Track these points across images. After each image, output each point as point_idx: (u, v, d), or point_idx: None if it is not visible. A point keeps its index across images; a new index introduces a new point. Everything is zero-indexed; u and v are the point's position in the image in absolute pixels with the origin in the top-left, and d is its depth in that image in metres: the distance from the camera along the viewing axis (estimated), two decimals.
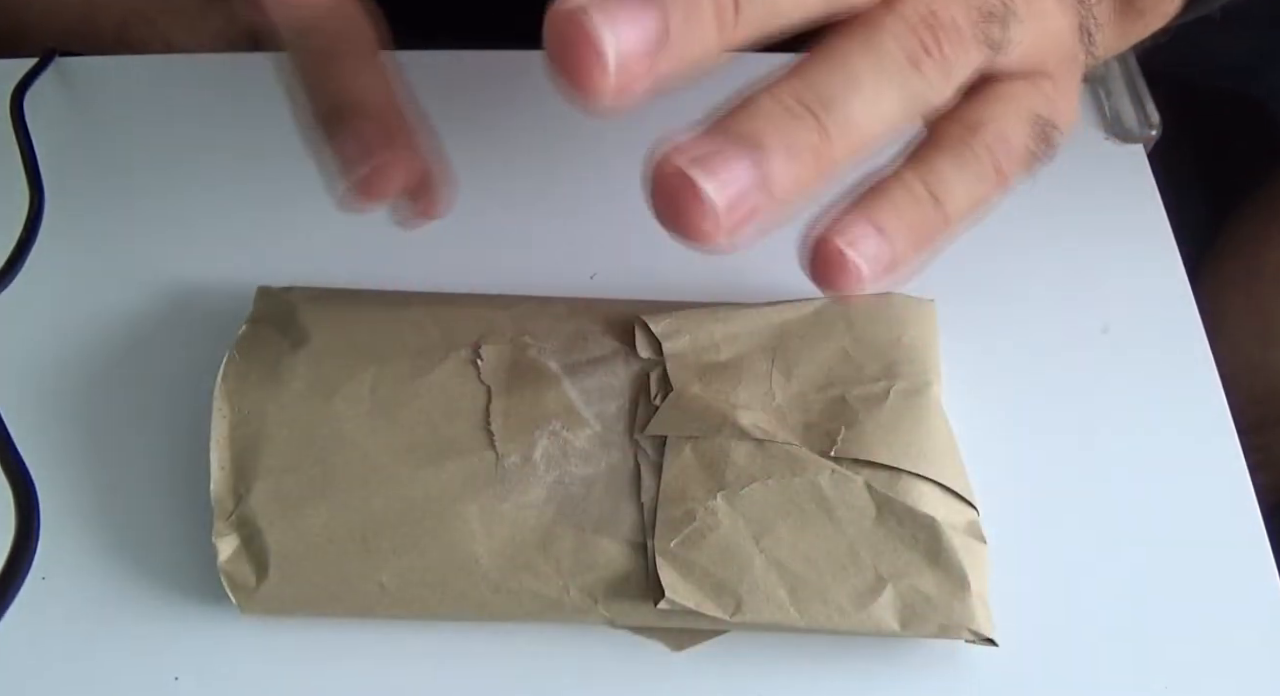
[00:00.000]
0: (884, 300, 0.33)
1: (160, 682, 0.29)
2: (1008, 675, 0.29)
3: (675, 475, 0.29)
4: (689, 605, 0.28)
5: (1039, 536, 0.31)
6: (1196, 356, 0.35)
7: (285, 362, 0.31)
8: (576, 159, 0.39)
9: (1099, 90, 0.42)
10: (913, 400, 0.30)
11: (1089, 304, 0.36)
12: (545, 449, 0.30)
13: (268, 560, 0.28)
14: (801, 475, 0.29)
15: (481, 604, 0.28)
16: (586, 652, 0.29)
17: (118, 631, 0.29)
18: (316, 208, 0.38)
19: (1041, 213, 0.38)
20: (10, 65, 0.41)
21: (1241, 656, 0.29)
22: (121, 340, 0.35)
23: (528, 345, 0.32)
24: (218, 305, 0.35)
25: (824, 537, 0.28)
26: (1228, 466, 0.32)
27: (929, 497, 0.29)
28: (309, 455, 0.30)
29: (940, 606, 0.28)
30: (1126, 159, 0.40)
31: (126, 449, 0.33)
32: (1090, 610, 0.30)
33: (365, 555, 0.28)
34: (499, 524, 0.29)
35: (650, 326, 0.31)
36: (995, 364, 0.34)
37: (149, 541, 0.31)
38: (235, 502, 0.29)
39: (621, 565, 0.28)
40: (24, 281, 0.32)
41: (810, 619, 0.28)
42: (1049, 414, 0.33)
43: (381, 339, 0.32)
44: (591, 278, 0.36)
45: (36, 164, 0.37)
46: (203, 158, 0.40)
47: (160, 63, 0.43)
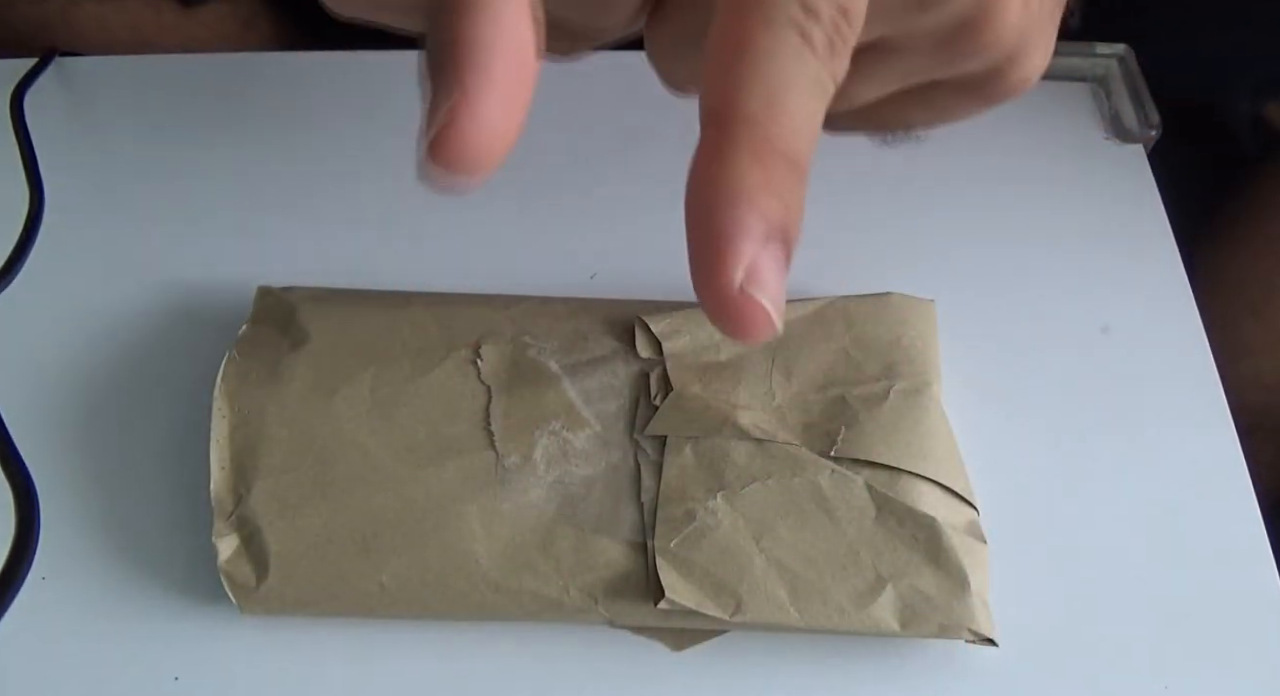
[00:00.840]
0: (884, 300, 0.33)
1: (160, 682, 0.29)
2: (1008, 675, 0.29)
3: (675, 475, 0.29)
4: (689, 605, 0.28)
5: (1039, 536, 0.31)
6: (1196, 356, 0.35)
7: (285, 363, 0.31)
8: (577, 159, 0.39)
9: (1099, 90, 0.42)
10: (913, 400, 0.30)
11: (1089, 304, 0.36)
12: (545, 449, 0.30)
13: (268, 560, 0.28)
14: (801, 475, 0.29)
15: (481, 604, 0.28)
16: (586, 652, 0.29)
17: (118, 631, 0.29)
18: (316, 208, 0.39)
19: (1041, 213, 0.38)
20: (10, 65, 0.41)
21: (1241, 656, 0.29)
22: (121, 340, 0.35)
23: (528, 345, 0.32)
24: (218, 305, 0.35)
25: (824, 537, 0.28)
26: (1228, 466, 0.32)
27: (929, 497, 0.29)
28: (309, 455, 0.30)
29: (940, 606, 0.28)
30: (1126, 159, 0.40)
31: (126, 449, 0.33)
32: (1090, 610, 0.30)
33: (365, 555, 0.28)
34: (499, 524, 0.29)
35: (650, 326, 0.31)
36: (995, 364, 0.34)
37: (149, 541, 0.31)
38: (235, 502, 0.29)
39: (621, 565, 0.28)
40: (24, 281, 0.32)
41: (810, 619, 0.28)
42: (1049, 414, 0.33)
43: (381, 339, 0.32)
44: (592, 278, 0.36)
45: (36, 164, 0.37)
46: (203, 158, 0.40)
47: (160, 63, 0.43)
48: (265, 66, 0.43)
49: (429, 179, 0.17)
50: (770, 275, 0.17)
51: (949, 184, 0.39)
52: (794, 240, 0.18)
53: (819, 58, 0.18)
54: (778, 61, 0.18)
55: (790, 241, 0.17)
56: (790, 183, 0.17)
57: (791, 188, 0.18)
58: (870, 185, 0.39)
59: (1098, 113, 0.41)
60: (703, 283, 0.17)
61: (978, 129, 0.29)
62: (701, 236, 0.17)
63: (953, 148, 0.39)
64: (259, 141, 0.40)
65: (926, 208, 0.38)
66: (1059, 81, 0.42)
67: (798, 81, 0.18)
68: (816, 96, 0.18)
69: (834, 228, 0.38)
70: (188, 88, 0.42)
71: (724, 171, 0.17)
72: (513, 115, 0.17)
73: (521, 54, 0.17)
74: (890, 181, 0.39)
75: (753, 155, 0.17)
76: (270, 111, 0.42)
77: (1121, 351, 0.35)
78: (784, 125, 0.18)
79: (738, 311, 0.17)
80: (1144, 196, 0.39)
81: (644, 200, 0.38)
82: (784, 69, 0.18)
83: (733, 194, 0.17)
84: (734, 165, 0.17)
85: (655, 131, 0.39)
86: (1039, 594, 0.30)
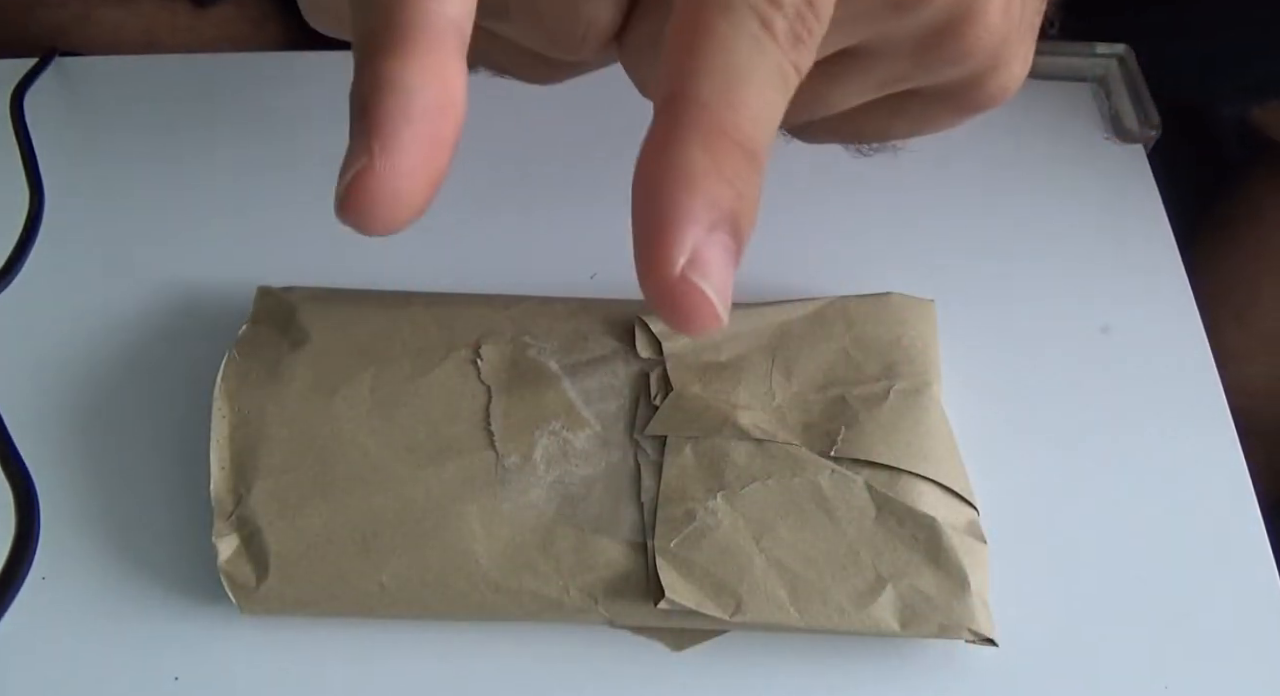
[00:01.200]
0: (884, 300, 0.33)
1: (160, 682, 0.29)
2: (1008, 675, 0.29)
3: (675, 475, 0.29)
4: (689, 605, 0.28)
5: (1039, 536, 0.31)
6: (1196, 356, 0.35)
7: (285, 362, 0.31)
8: (577, 159, 0.39)
9: (1099, 90, 0.42)
10: (912, 400, 0.30)
11: (1089, 304, 0.36)
12: (545, 449, 0.30)
13: (268, 560, 0.28)
14: (801, 475, 0.29)
15: (481, 604, 0.28)
16: (586, 652, 0.29)
17: (118, 631, 0.29)
18: (316, 208, 0.38)
19: (1041, 213, 0.38)
20: (10, 65, 0.41)
21: (1241, 656, 0.29)
22: (121, 340, 0.35)
23: (528, 345, 0.32)
24: (218, 305, 0.35)
25: (824, 537, 0.28)
26: (1228, 466, 0.32)
27: (929, 497, 0.29)
28: (309, 455, 0.30)
29: (940, 606, 0.28)
30: (1126, 159, 0.40)
31: (126, 449, 0.33)
32: (1090, 610, 0.30)
33: (365, 555, 0.28)
34: (499, 524, 0.29)
35: (650, 326, 0.31)
36: (995, 364, 0.34)
37: (149, 541, 0.31)
38: (235, 502, 0.29)
39: (621, 565, 0.28)
40: (24, 281, 0.32)
41: (810, 619, 0.28)
42: (1049, 414, 0.33)
43: (381, 339, 0.32)
44: (591, 277, 0.36)
45: (36, 164, 0.37)
46: (203, 157, 0.40)
47: (160, 63, 0.43)
48: (265, 66, 0.43)
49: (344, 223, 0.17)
50: (715, 263, 0.16)
51: (949, 184, 0.39)
52: (745, 231, 0.17)
53: (780, 47, 0.17)
54: (735, 48, 0.17)
55: (741, 232, 0.17)
56: (743, 171, 0.17)
57: (744, 176, 0.17)
58: (870, 185, 0.39)
59: (1098, 113, 0.41)
60: (644, 268, 0.16)
61: (977, 129, 0.29)
62: (644, 220, 0.16)
63: (953, 148, 0.39)
64: (259, 141, 0.40)
65: (926, 208, 0.38)
66: (1059, 81, 0.42)
67: (756, 69, 0.17)
68: (776, 87, 0.18)
69: (834, 228, 0.38)
70: (188, 88, 0.42)
71: (671, 155, 0.16)
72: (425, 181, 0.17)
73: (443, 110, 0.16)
74: (890, 181, 0.39)
75: (703, 140, 0.17)
76: (270, 111, 0.42)
77: (1121, 351, 0.35)
78: (739, 112, 0.17)
79: (679, 298, 0.16)
80: (1144, 196, 0.39)
81: None
82: (741, 56, 0.17)
83: (678, 177, 0.16)
84: (682, 149, 0.16)
85: None
86: (1039, 594, 0.30)
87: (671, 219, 0.16)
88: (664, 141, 0.17)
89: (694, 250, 0.16)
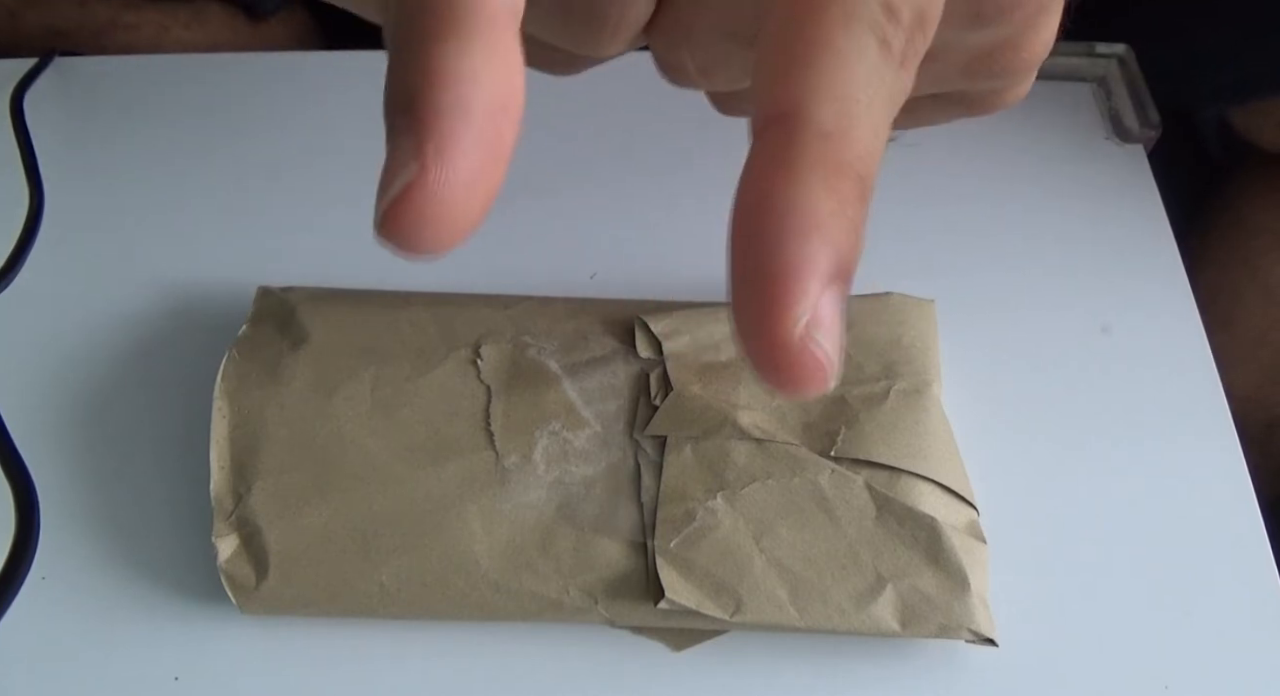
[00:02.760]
0: (884, 300, 0.33)
1: (160, 682, 0.29)
2: (1008, 675, 0.29)
3: (675, 475, 0.29)
4: (689, 605, 0.28)
5: (1039, 536, 0.31)
6: (1196, 356, 0.35)
7: (285, 362, 0.31)
8: (577, 159, 0.39)
9: (1099, 90, 0.42)
10: (912, 400, 0.30)
11: (1089, 304, 0.36)
12: (545, 449, 0.30)
13: (268, 560, 0.28)
14: (801, 475, 0.29)
15: (481, 604, 0.28)
16: (586, 652, 0.29)
17: (118, 631, 0.29)
18: (316, 208, 0.39)
19: (1041, 213, 0.38)
20: (10, 65, 0.41)
21: (1241, 656, 0.29)
22: (121, 340, 0.35)
23: (528, 345, 0.32)
24: (218, 305, 0.35)
25: (824, 537, 0.28)
26: (1228, 466, 0.32)
27: (929, 497, 0.29)
28: (309, 455, 0.30)
29: (940, 606, 0.28)
30: (1126, 159, 0.40)
31: (126, 449, 0.33)
32: (1090, 610, 0.30)
33: (365, 555, 0.28)
34: (499, 524, 0.29)
35: (650, 326, 0.31)
36: (995, 364, 0.34)
37: (149, 541, 0.31)
38: (235, 502, 0.29)
39: (621, 565, 0.28)
40: (24, 281, 0.32)
41: (810, 619, 0.28)
42: (1049, 414, 0.33)
43: (381, 339, 0.32)
44: (591, 277, 0.36)
45: (36, 164, 0.37)
46: (203, 157, 0.40)
47: (160, 63, 0.43)
48: (265, 66, 0.43)
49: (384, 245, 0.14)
50: (831, 319, 0.14)
51: (949, 184, 0.39)
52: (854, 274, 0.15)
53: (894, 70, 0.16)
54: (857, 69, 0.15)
55: (852, 277, 0.15)
56: (860, 212, 0.15)
57: (861, 218, 0.15)
58: None
59: (1098, 113, 0.41)
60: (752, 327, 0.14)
61: (978, 129, 0.29)
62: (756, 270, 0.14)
63: (953, 147, 0.39)
64: (259, 141, 0.40)
65: (927, 207, 0.38)
66: (1059, 81, 0.42)
67: (877, 95, 0.15)
68: (890, 113, 0.16)
69: None
70: (187, 88, 0.42)
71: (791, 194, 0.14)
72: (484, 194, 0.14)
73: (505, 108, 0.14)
74: (890, 181, 0.39)
75: (825, 177, 0.14)
76: (270, 111, 0.42)
77: (1121, 351, 0.35)
78: (859, 143, 0.15)
79: (794, 361, 0.14)
80: (1144, 196, 0.39)
81: (644, 200, 0.38)
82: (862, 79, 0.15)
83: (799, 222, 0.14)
84: (803, 188, 0.14)
85: (656, 131, 0.39)
86: (1039, 594, 0.30)
87: (794, 272, 0.14)
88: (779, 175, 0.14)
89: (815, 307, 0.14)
